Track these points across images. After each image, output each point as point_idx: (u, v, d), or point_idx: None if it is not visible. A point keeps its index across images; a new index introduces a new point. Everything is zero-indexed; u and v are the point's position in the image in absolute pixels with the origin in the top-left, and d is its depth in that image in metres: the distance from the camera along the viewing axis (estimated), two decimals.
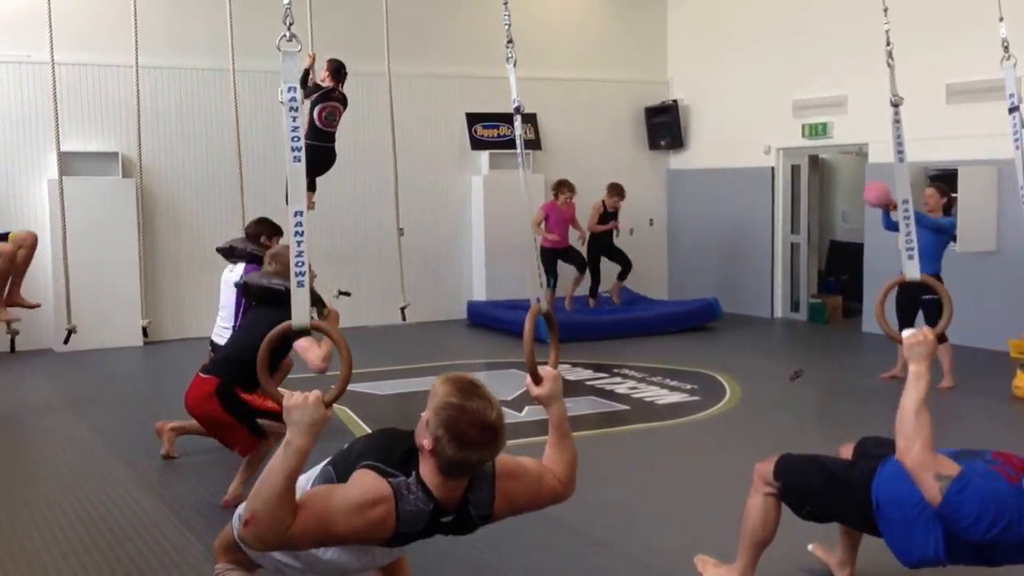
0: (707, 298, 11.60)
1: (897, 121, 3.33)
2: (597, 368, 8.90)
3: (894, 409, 3.02)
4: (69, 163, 9.58)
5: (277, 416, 5.08)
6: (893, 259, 10.12)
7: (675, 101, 13.16)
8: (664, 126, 13.18)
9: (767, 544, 3.58)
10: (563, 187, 10.88)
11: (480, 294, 12.17)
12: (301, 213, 2.52)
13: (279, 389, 2.54)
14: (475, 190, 12.32)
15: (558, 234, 10.75)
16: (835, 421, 7.29)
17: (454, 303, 12.20)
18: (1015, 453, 3.07)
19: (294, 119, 2.58)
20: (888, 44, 3.55)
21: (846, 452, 3.69)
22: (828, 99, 11.32)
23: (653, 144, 13.36)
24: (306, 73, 7.47)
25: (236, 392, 5.00)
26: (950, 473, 2.79)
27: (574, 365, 8.94)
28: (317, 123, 7.66)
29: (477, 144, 12.31)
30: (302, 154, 2.56)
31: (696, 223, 13.17)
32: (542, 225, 10.79)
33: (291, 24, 2.62)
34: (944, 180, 9.13)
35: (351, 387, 2.94)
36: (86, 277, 9.32)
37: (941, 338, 8.11)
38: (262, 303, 5.14)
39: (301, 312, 2.51)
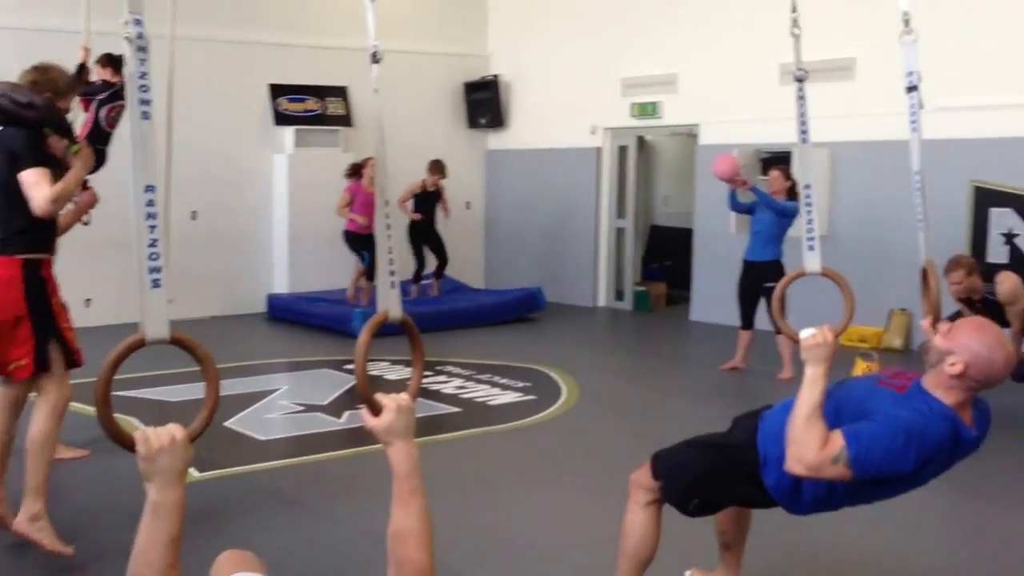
0: (530, 287, 10.91)
1: (801, 98, 3.12)
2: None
3: (742, 401, 2.65)
4: None
5: (69, 355, 4.01)
6: (723, 244, 9.95)
7: (495, 77, 12.38)
8: (484, 103, 12.39)
9: (650, 562, 3.22)
10: (366, 165, 9.90)
11: (283, 286, 11.03)
12: (153, 188, 1.92)
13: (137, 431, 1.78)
14: (278, 170, 11.14)
15: (365, 217, 9.73)
16: (684, 417, 6.68)
17: (253, 295, 10.98)
18: (902, 369, 2.95)
19: (142, 61, 1.89)
20: (794, 11, 3.34)
21: None
22: (658, 78, 10.83)
23: (472, 122, 12.55)
24: (81, 68, 6.27)
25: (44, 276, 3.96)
26: (839, 445, 2.59)
27: (393, 363, 7.99)
28: (103, 125, 6.48)
29: (281, 119, 11.13)
30: (151, 108, 1.92)
31: (517, 207, 12.45)
32: (348, 209, 9.81)
33: None
34: (779, 163, 8.76)
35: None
36: None
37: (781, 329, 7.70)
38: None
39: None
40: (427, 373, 7.68)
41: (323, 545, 4.24)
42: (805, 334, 2.73)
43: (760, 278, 7.54)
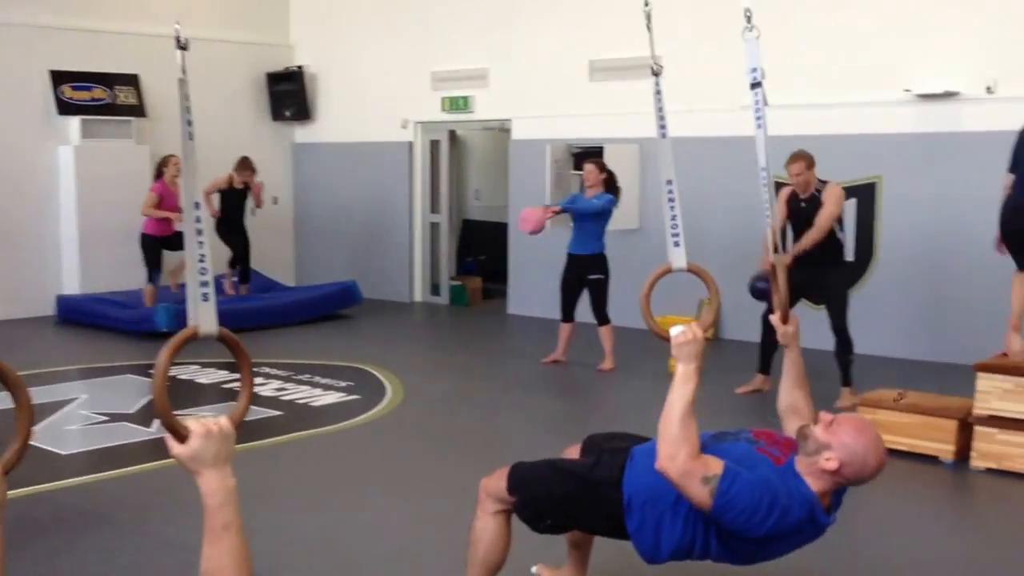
0: (345, 281, 10.57)
1: (658, 92, 3.01)
2: (232, 368, 7.51)
3: (566, 394, 2.50)
4: None
5: None
6: (539, 238, 9.92)
7: (300, 68, 11.94)
8: (288, 95, 11.91)
9: (500, 568, 3.14)
10: (170, 163, 9.32)
11: (73, 286, 10.21)
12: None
13: None
14: (64, 162, 10.30)
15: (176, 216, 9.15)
16: (512, 413, 6.62)
17: (39, 297, 10.11)
18: (774, 431, 2.91)
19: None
20: (647, 4, 3.14)
21: (572, 453, 3.32)
22: (468, 72, 10.73)
23: (277, 114, 12.04)
24: None
25: None
26: (716, 471, 2.55)
27: (204, 366, 7.51)
28: None
29: (65, 108, 10.29)
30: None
31: (327, 202, 12.06)
32: (157, 209, 9.24)
33: None
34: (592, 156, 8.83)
35: None
36: None
37: (604, 319, 7.79)
38: None
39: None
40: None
41: (131, 565, 3.87)
42: (675, 332, 2.67)
43: (584, 271, 7.57)
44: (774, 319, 3.06)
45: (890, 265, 8.25)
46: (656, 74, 3.02)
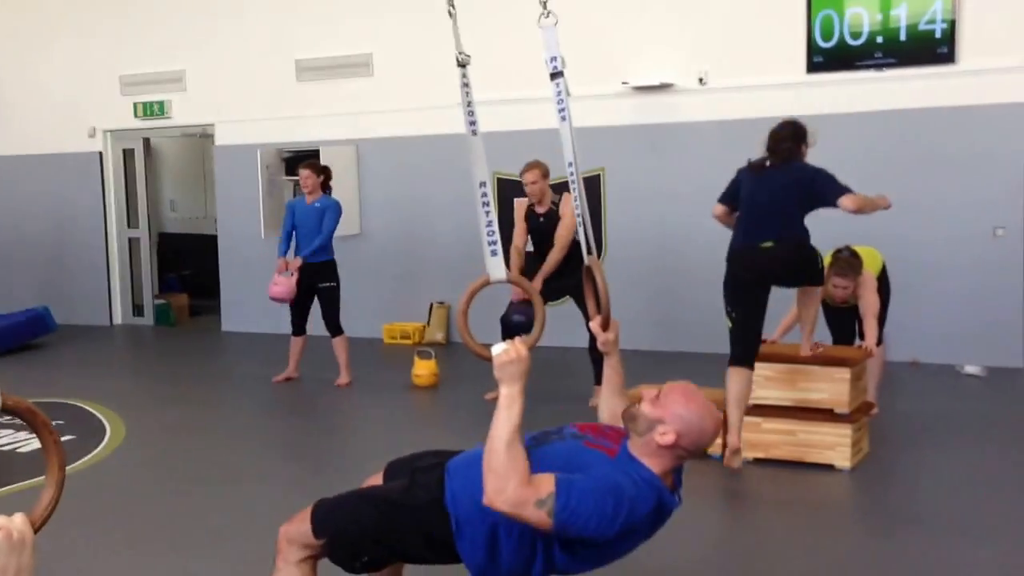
0: (36, 308, 9.54)
1: (466, 85, 2.73)
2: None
3: (307, 411, 2.32)
4: None
5: None
6: (253, 249, 9.46)
7: None
8: None
9: None
10: None
11: None
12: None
13: None
14: None
15: None
16: (258, 438, 6.22)
17: None
18: (598, 422, 2.79)
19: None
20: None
21: (374, 482, 3.03)
22: (163, 75, 10.04)
23: None
24: None
25: None
26: (549, 490, 2.38)
27: None
28: None
29: None
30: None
31: (7, 221, 10.84)
32: None
33: None
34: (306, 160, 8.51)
35: None
36: None
37: (337, 330, 7.51)
38: None
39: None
40: None
41: None
42: (497, 350, 2.46)
43: (313, 280, 7.26)
44: (594, 327, 2.89)
45: (617, 254, 8.46)
46: (462, 65, 2.74)
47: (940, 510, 4.52)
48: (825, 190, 4.71)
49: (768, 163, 4.89)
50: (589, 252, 2.93)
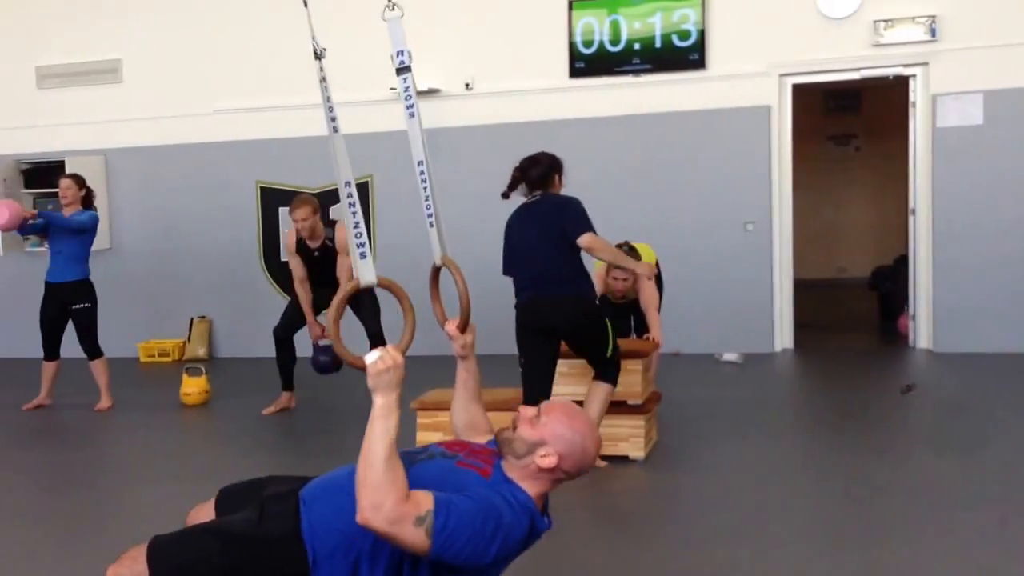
0: None
1: (323, 79, 2.52)
2: None
3: (71, 443, 2.32)
4: None
5: None
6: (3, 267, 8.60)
7: None
8: None
9: None
10: None
11: None
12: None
13: None
14: None
15: None
16: (14, 474, 5.63)
17: None
18: (466, 441, 2.63)
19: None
20: None
21: (203, 514, 2.76)
22: None
23: None
24: None
25: None
26: (428, 507, 2.24)
27: None
28: None
29: None
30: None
31: None
32: None
33: None
34: (56, 173, 7.92)
35: None
36: None
37: (95, 352, 6.99)
38: None
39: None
40: None
41: None
42: (371, 359, 2.33)
43: (67, 300, 6.69)
44: (450, 329, 2.78)
45: (388, 260, 8.36)
46: (319, 57, 2.54)
47: (731, 501, 4.69)
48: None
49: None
50: (444, 251, 2.85)
